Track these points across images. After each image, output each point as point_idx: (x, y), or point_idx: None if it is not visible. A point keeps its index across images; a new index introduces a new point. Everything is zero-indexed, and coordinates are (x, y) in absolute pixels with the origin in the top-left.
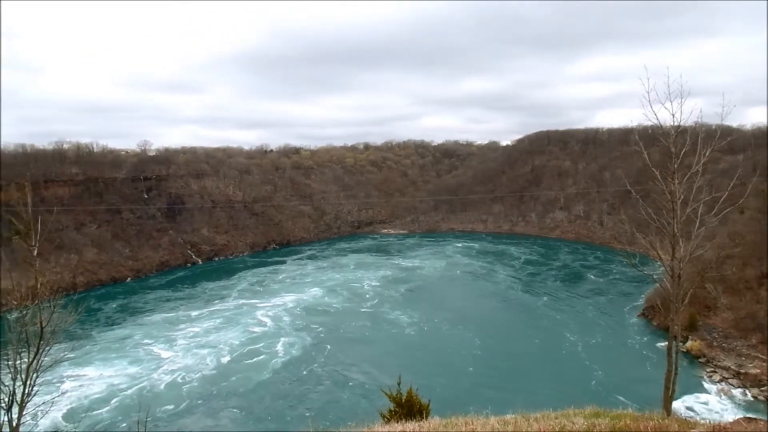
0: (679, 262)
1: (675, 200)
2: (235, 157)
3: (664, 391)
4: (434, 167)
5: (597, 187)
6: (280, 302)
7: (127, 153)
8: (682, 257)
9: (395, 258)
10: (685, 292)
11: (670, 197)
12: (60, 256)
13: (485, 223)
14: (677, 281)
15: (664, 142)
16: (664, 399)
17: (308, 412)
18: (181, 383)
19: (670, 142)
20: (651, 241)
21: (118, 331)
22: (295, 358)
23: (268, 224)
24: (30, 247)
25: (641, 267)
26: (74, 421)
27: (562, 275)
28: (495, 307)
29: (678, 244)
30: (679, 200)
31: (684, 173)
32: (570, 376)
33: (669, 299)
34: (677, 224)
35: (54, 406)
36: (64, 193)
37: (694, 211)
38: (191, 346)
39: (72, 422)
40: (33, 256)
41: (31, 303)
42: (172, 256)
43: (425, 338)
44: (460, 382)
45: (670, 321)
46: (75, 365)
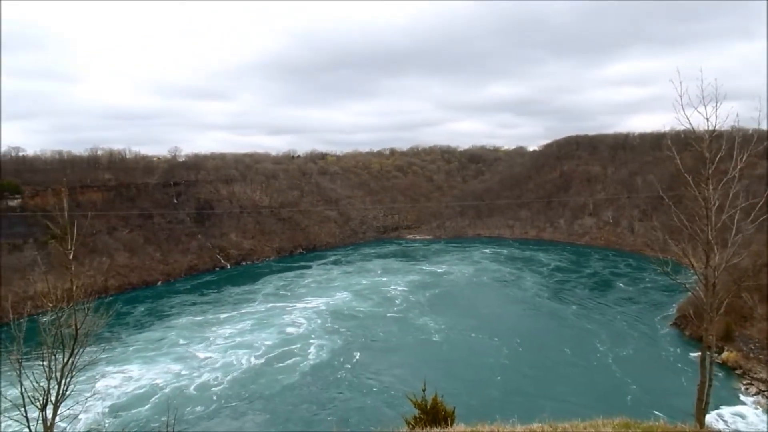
0: (714, 270)
1: (709, 207)
2: (262, 162)
3: (697, 403)
4: (460, 172)
5: (627, 193)
6: (308, 306)
7: (159, 159)
8: (716, 265)
9: (422, 263)
10: (721, 302)
11: (705, 203)
12: (93, 259)
13: (512, 228)
14: (712, 290)
15: (697, 147)
16: (698, 411)
17: (332, 416)
18: (211, 385)
19: (705, 147)
20: (684, 249)
21: (149, 333)
22: (322, 362)
23: (294, 229)
24: (66, 250)
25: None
26: (105, 422)
27: (591, 283)
28: (523, 315)
29: (713, 252)
30: (714, 207)
31: (719, 179)
32: (600, 386)
33: (703, 308)
34: (712, 231)
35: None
36: (97, 198)
37: (730, 218)
38: (221, 348)
39: (103, 422)
40: (69, 259)
41: (66, 305)
42: (200, 260)
43: (452, 345)
44: (486, 390)
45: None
46: (107, 367)
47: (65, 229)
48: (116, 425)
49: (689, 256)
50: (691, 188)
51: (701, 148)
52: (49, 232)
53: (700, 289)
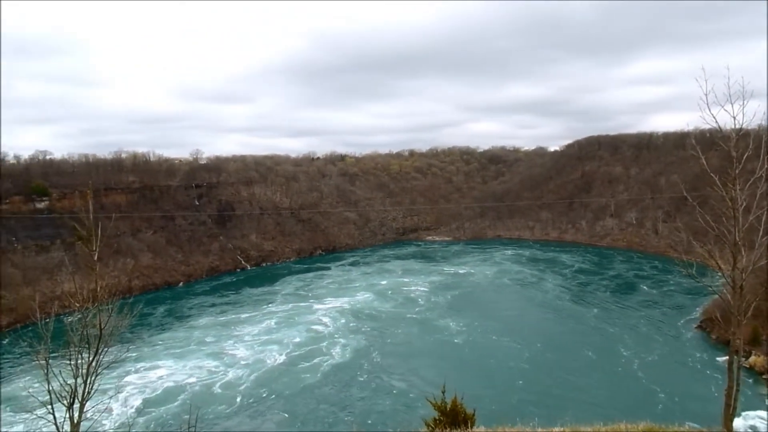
0: (741, 272)
1: (736, 207)
2: (282, 164)
3: (724, 409)
4: (480, 173)
5: (651, 194)
6: (329, 306)
7: (181, 161)
8: (744, 267)
9: (442, 264)
10: (748, 305)
11: (731, 204)
12: (118, 260)
13: (532, 230)
14: (739, 293)
15: (723, 146)
16: (725, 417)
17: (350, 417)
18: (233, 383)
19: (731, 146)
20: (710, 250)
21: (172, 333)
22: (342, 363)
23: (314, 230)
24: (91, 251)
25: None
26: (129, 419)
27: (614, 285)
28: (544, 318)
29: (740, 254)
30: (741, 207)
31: (746, 179)
32: (624, 391)
33: (729, 312)
34: (739, 232)
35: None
36: (122, 200)
37: (758, 219)
38: (244, 348)
39: (127, 420)
40: (94, 260)
41: (91, 305)
42: (222, 261)
43: (472, 347)
44: (506, 393)
45: (731, 335)
46: (131, 366)
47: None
48: (140, 423)
49: (716, 258)
50: (717, 188)
51: (728, 147)
52: (76, 233)
53: (727, 292)
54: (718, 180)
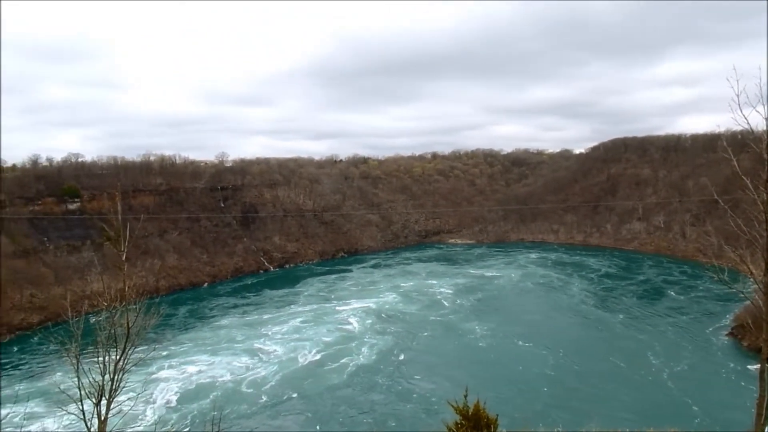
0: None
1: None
2: (305, 167)
3: (755, 418)
4: (503, 176)
5: (679, 197)
6: (353, 308)
7: (206, 164)
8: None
9: (465, 267)
10: None
11: (764, 207)
12: (145, 261)
13: (557, 233)
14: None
15: (755, 148)
16: (756, 426)
17: (370, 419)
18: (257, 383)
19: (763, 147)
20: (741, 255)
21: (198, 333)
22: (365, 364)
23: (336, 233)
24: (119, 252)
25: (730, 283)
26: (155, 416)
27: (641, 291)
28: (570, 323)
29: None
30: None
31: None
32: (652, 400)
33: (762, 318)
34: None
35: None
36: (149, 202)
37: None
38: (269, 348)
39: (153, 417)
40: (122, 260)
41: (119, 304)
42: (245, 262)
43: (496, 352)
44: (530, 399)
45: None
46: (158, 364)
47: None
48: (165, 420)
49: (747, 263)
50: (749, 191)
51: (759, 149)
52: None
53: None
54: (750, 183)
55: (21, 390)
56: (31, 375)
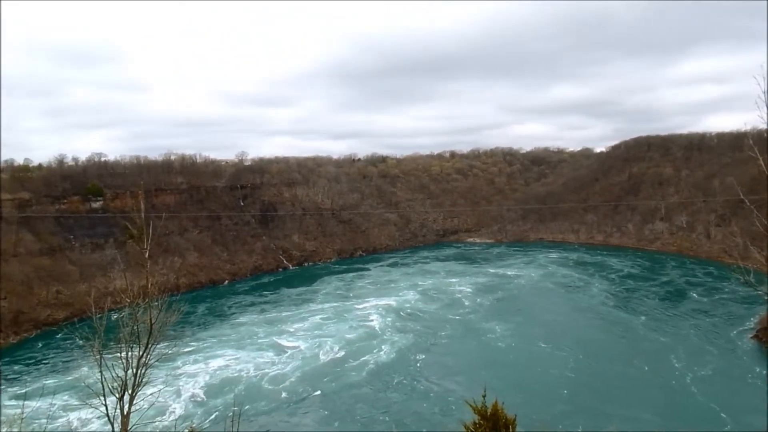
0: None
1: None
2: (324, 166)
3: None
4: (523, 175)
5: (703, 197)
6: (373, 306)
7: (226, 163)
8: None
9: (484, 266)
10: None
11: None
12: (166, 259)
13: (577, 233)
14: None
15: None
16: None
17: (387, 417)
18: (278, 379)
19: None
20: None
21: (218, 329)
22: (383, 363)
23: (355, 231)
24: (142, 250)
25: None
26: (175, 411)
27: (663, 292)
28: (591, 324)
29: None
30: None
31: None
32: (676, 405)
33: None
34: None
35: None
36: (170, 200)
37: None
38: (289, 345)
39: (173, 412)
40: (144, 258)
41: (141, 301)
42: (265, 260)
43: (515, 353)
44: (549, 402)
45: None
46: (178, 360)
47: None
48: (186, 415)
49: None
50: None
51: None
52: (128, 232)
53: None
54: None
55: (47, 384)
56: (56, 370)
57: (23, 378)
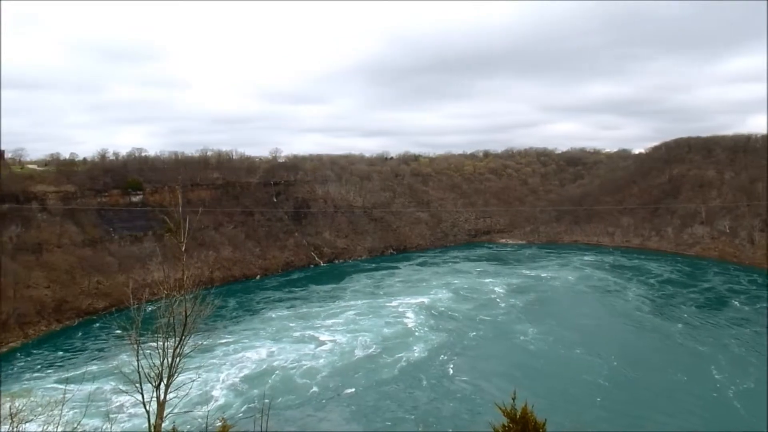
0: None
1: None
2: (356, 164)
3: None
4: (557, 176)
5: (747, 200)
6: (405, 304)
7: (260, 160)
8: None
9: (517, 267)
10: None
11: None
12: (201, 252)
13: (612, 236)
14: None
15: None
16: None
17: (413, 416)
18: (310, 373)
19: None
20: None
21: (251, 323)
22: (412, 361)
23: (386, 230)
24: (179, 243)
25: None
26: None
27: (703, 299)
28: (626, 330)
29: None
30: None
31: None
32: (717, 420)
33: None
34: None
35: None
36: (206, 196)
37: None
38: (321, 340)
39: (207, 401)
40: (182, 251)
41: (177, 293)
42: (296, 257)
43: (546, 356)
44: (581, 409)
45: None
46: (213, 351)
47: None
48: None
49: None
50: None
51: None
52: (166, 226)
53: None
54: None
55: (87, 371)
56: (95, 357)
57: (66, 364)
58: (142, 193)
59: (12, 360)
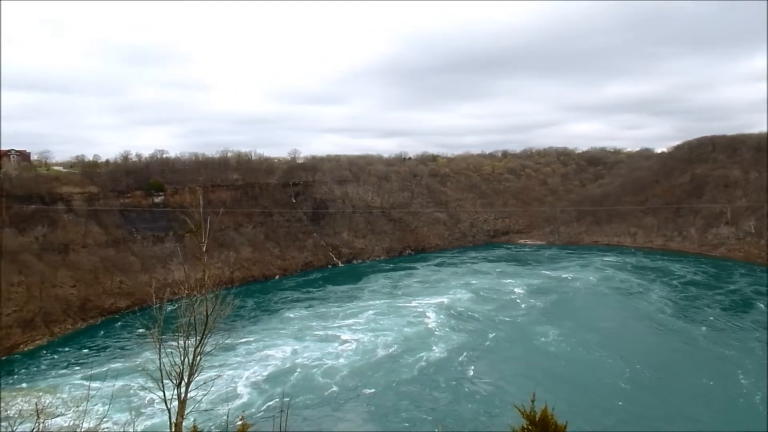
0: None
1: None
2: (375, 164)
3: None
4: (577, 176)
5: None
6: (425, 305)
7: (279, 161)
8: None
9: (537, 268)
10: None
11: None
12: (221, 253)
13: (634, 237)
14: None
15: None
16: None
17: (432, 416)
18: (330, 372)
19: None
20: None
21: (271, 322)
22: (432, 362)
23: (404, 230)
24: (200, 243)
25: None
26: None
27: (728, 301)
28: (649, 333)
29: None
30: None
31: None
32: (741, 425)
33: None
34: None
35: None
36: (227, 196)
37: None
38: (342, 339)
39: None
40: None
41: (198, 293)
42: (315, 257)
43: (567, 358)
44: (602, 413)
45: None
46: (233, 350)
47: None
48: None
49: None
50: None
51: None
52: (187, 226)
53: None
54: None
55: (110, 368)
56: (117, 356)
57: (90, 361)
58: (164, 194)
59: (38, 357)
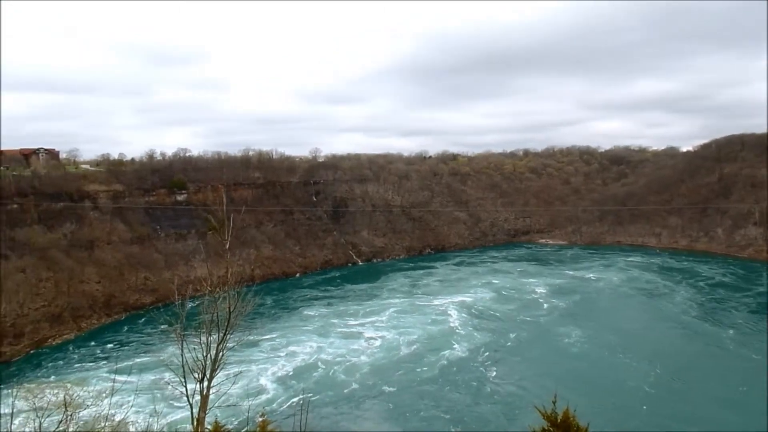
0: None
1: None
2: (395, 163)
3: None
4: (600, 175)
5: None
6: (446, 304)
7: (300, 159)
8: None
9: (559, 268)
10: None
11: None
12: (242, 250)
13: (658, 237)
14: None
15: None
16: None
17: (450, 416)
18: (350, 370)
19: None
20: None
21: (295, 319)
22: (452, 361)
23: (424, 229)
24: (223, 241)
25: None
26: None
27: (755, 304)
28: (674, 335)
29: None
30: None
31: None
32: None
33: None
34: None
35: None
36: (248, 195)
37: None
38: (365, 337)
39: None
40: (225, 249)
41: (220, 290)
42: (335, 255)
43: (589, 360)
44: (626, 416)
45: None
46: (255, 347)
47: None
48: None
49: None
50: None
51: None
52: (209, 224)
53: None
54: None
55: (135, 363)
56: (141, 351)
57: (115, 355)
58: (187, 192)
59: (66, 351)
